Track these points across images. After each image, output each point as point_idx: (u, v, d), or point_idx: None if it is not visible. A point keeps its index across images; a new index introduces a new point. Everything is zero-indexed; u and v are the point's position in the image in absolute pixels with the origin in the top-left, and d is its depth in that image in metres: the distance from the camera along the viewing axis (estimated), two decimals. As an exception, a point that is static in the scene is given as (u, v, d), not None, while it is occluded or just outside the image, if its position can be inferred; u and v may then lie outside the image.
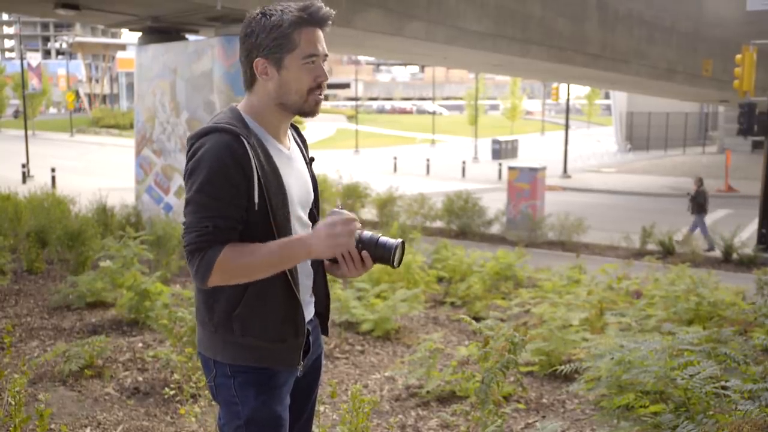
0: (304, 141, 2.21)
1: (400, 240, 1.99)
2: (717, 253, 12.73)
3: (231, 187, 1.85)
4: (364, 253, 1.98)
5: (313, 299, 2.16)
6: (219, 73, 13.08)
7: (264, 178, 1.89)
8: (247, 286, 1.92)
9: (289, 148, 2.06)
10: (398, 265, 2.00)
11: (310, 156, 2.19)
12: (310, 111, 1.99)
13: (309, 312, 2.12)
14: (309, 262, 2.09)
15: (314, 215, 2.15)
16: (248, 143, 1.88)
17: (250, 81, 1.98)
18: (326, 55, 1.97)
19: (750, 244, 13.23)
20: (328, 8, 1.96)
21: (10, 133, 48.78)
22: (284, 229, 1.94)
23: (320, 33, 1.95)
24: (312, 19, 1.92)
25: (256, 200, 1.88)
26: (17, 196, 11.58)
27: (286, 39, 1.90)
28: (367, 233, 2.00)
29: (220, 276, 1.84)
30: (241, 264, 1.85)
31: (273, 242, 1.88)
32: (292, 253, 1.88)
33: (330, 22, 1.97)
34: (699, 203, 14.00)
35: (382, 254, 1.98)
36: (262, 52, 1.92)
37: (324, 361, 5.30)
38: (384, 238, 1.98)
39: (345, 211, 1.92)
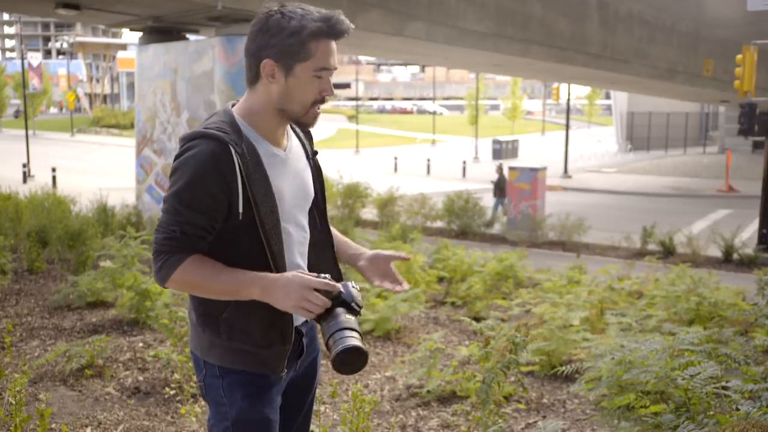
0: (308, 135, 2.15)
1: (352, 344, 1.72)
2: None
3: (206, 197, 1.82)
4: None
5: None
6: (220, 73, 13.08)
7: (250, 186, 1.85)
8: None
9: (285, 149, 2.00)
10: (342, 371, 1.76)
11: (314, 150, 2.14)
12: (308, 123, 1.96)
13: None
14: (305, 265, 2.06)
15: (314, 214, 2.12)
16: (236, 151, 1.83)
17: (254, 79, 1.91)
18: (335, 68, 1.91)
19: (751, 244, 13.23)
20: (348, 22, 1.89)
21: (11, 132, 48.83)
22: (274, 236, 1.90)
23: (335, 46, 1.88)
24: (332, 32, 1.85)
25: (240, 210, 1.85)
26: (18, 195, 11.58)
27: (302, 47, 1.83)
28: (341, 317, 1.79)
29: (177, 284, 1.85)
30: (198, 281, 1.83)
31: (237, 272, 1.84)
32: (249, 291, 1.83)
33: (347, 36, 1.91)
34: (500, 188, 16.54)
35: (329, 346, 1.78)
36: (273, 53, 1.84)
37: (324, 361, 5.30)
38: (343, 335, 1.75)
39: (318, 280, 1.80)
